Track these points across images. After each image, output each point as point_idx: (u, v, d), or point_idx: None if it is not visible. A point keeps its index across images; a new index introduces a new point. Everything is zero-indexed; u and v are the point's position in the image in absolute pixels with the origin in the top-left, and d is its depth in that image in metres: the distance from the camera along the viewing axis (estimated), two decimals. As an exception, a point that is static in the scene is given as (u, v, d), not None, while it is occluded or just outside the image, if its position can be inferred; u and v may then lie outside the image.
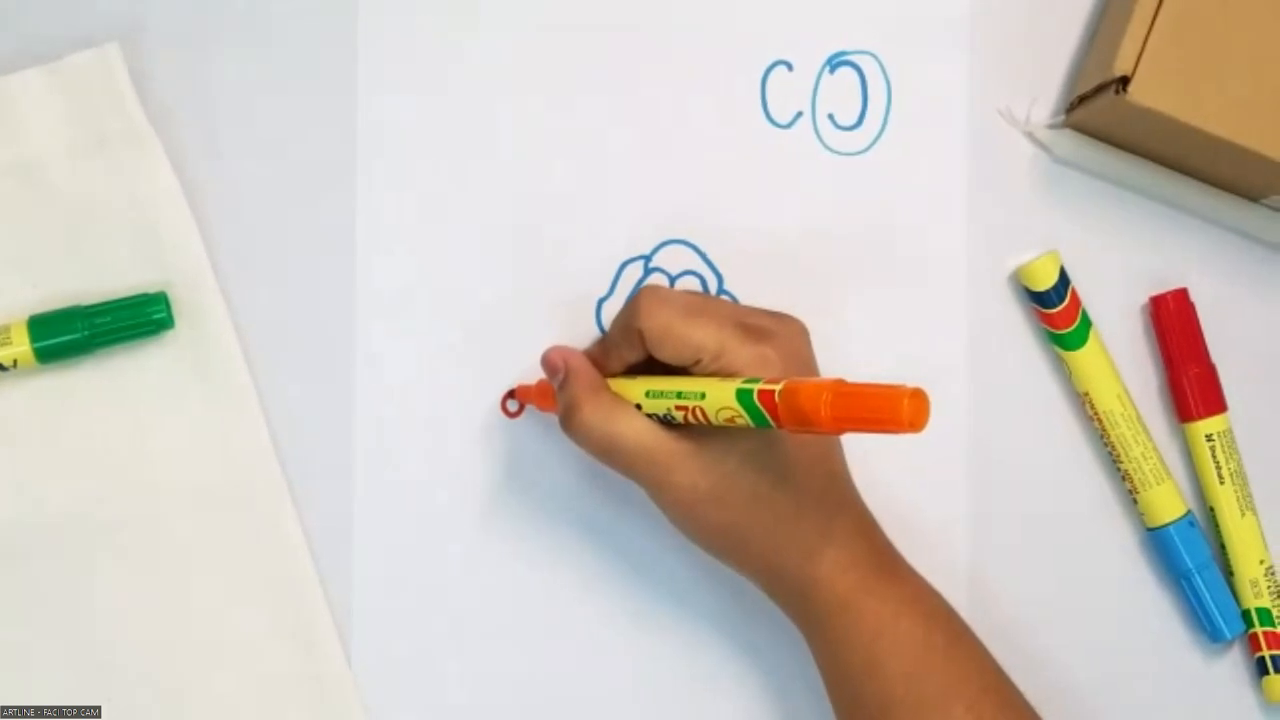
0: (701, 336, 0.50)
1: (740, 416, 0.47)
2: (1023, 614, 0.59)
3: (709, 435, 0.50)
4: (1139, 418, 0.59)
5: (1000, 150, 0.59)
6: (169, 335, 0.56)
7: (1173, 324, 0.59)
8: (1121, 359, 0.60)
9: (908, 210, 0.59)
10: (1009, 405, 0.60)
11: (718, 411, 0.48)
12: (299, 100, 0.57)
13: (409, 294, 0.58)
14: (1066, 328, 0.58)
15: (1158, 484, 0.59)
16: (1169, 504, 0.59)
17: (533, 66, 0.58)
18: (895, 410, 0.42)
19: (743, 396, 0.47)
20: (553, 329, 0.58)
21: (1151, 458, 0.59)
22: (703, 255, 0.59)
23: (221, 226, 0.57)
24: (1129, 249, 0.60)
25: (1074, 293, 0.58)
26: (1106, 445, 0.59)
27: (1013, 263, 0.59)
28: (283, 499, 0.57)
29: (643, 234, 0.59)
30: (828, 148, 0.59)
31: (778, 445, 0.51)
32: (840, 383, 0.44)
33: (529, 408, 0.58)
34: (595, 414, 0.51)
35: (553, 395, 0.54)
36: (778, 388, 0.46)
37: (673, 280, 0.59)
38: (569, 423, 0.52)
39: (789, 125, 0.59)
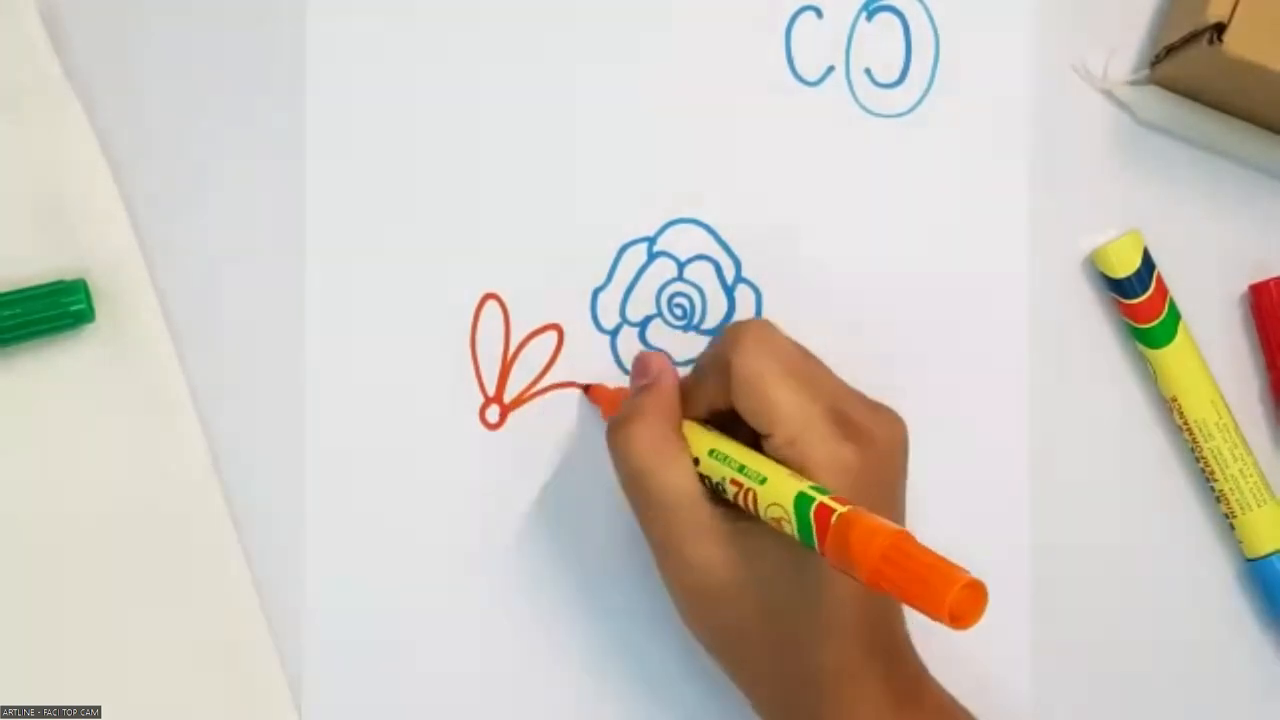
0: (787, 407, 0.49)
1: (788, 522, 0.46)
2: (1097, 666, 0.58)
3: (751, 528, 0.49)
4: (1236, 428, 0.57)
5: (1071, 111, 0.58)
6: (88, 331, 0.54)
7: (1277, 316, 0.57)
8: (1216, 358, 0.58)
9: (959, 183, 0.58)
10: (1080, 414, 0.58)
11: (769, 506, 0.47)
12: (242, 64, 0.56)
13: (368, 287, 0.57)
14: (1150, 321, 0.57)
15: (1259, 506, 0.57)
16: (1272, 530, 0.57)
17: (513, 12, 0.57)
18: (939, 596, 0.42)
19: (800, 503, 0.46)
20: (538, 328, 0.56)
21: (1251, 475, 0.57)
22: (716, 237, 0.57)
23: (150, 204, 0.55)
24: (1225, 228, 0.58)
25: (1159, 280, 0.57)
26: (1198, 461, 0.58)
27: (1086, 245, 0.58)
28: (224, 528, 0.55)
29: (646, 212, 0.57)
30: (864, 109, 0.58)
31: (822, 564, 0.48)
32: (903, 540, 0.43)
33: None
34: (646, 437, 0.50)
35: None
36: (840, 510, 0.45)
37: (681, 266, 0.57)
38: (616, 429, 0.51)
39: (818, 82, 0.58)
